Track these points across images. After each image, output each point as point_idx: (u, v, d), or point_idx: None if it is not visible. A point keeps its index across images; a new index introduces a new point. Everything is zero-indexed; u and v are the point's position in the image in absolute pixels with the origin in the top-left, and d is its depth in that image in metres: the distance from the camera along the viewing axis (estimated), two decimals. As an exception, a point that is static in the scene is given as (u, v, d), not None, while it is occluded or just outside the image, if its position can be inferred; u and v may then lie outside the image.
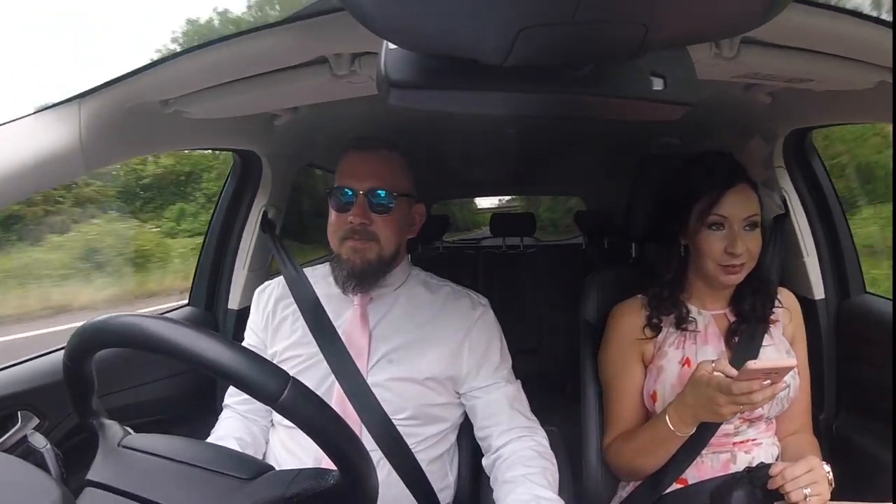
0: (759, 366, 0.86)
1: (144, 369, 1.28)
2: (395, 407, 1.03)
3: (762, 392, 0.87)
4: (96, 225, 6.89)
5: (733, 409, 0.91)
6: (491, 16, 0.46)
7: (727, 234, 1.05)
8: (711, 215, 1.05)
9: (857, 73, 0.89)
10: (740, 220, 1.05)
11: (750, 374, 0.86)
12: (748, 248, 1.04)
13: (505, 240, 3.44)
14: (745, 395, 0.88)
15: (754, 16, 0.50)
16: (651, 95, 0.62)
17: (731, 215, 1.04)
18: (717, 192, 1.05)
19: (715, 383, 0.91)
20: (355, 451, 0.61)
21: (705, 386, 0.93)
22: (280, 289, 1.16)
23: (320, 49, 0.85)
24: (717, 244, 1.05)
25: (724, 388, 0.89)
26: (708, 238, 1.06)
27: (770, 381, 0.87)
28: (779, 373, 0.87)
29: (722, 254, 1.05)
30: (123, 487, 0.64)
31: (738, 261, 1.04)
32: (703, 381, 0.93)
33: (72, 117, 0.87)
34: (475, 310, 1.11)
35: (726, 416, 0.92)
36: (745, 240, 1.04)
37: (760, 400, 0.88)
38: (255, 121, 1.25)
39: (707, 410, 0.94)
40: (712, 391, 0.91)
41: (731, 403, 0.90)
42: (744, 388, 0.87)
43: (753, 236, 1.06)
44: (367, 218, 1.04)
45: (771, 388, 0.88)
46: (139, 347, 0.61)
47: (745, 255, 1.04)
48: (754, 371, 0.86)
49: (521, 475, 0.97)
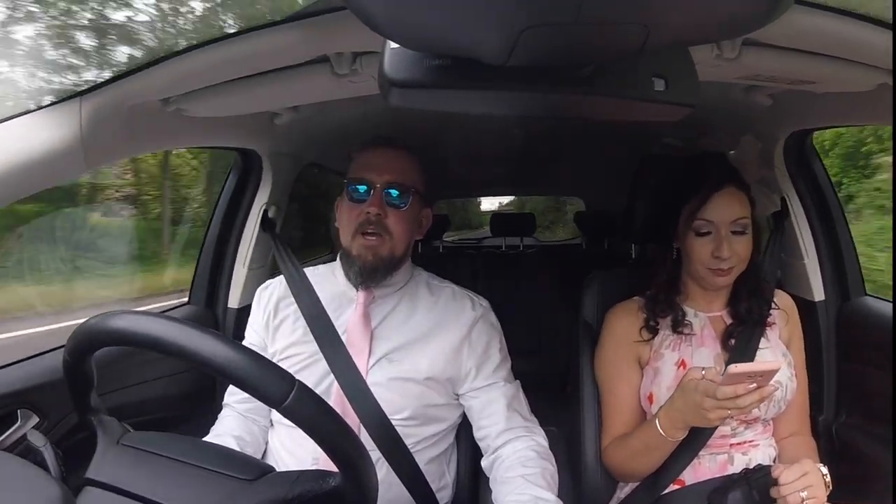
0: (741, 369, 0.85)
1: (144, 367, 1.28)
2: (394, 407, 1.03)
3: (748, 396, 0.87)
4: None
5: (721, 415, 0.91)
6: (493, 16, 0.46)
7: (714, 238, 1.05)
8: (697, 220, 1.05)
9: (857, 76, 0.90)
10: (727, 223, 1.04)
11: (733, 379, 0.86)
12: (736, 252, 1.04)
13: (505, 240, 3.45)
14: (730, 400, 0.87)
15: (756, 17, 0.50)
16: (652, 96, 0.62)
17: (718, 219, 1.04)
18: (703, 196, 1.05)
19: (702, 388, 0.91)
20: (358, 456, 0.62)
21: (692, 391, 0.93)
22: (281, 288, 1.16)
23: (321, 48, 0.84)
24: (705, 248, 1.05)
25: (710, 392, 0.89)
26: (695, 242, 1.06)
27: (756, 385, 0.87)
28: (763, 375, 0.86)
29: (709, 257, 1.05)
30: (123, 486, 0.63)
31: (725, 265, 1.04)
32: (691, 386, 0.94)
33: (73, 115, 0.86)
34: (475, 311, 1.11)
35: (714, 421, 0.92)
36: (733, 243, 1.04)
37: (747, 404, 0.88)
38: (255, 119, 1.25)
39: (696, 415, 0.94)
40: (699, 396, 0.91)
41: (717, 408, 0.89)
42: (728, 393, 0.87)
43: (741, 239, 1.05)
44: (382, 210, 1.04)
45: (758, 392, 0.87)
46: (142, 347, 0.61)
47: (733, 259, 1.04)
48: (737, 375, 0.85)
49: (519, 476, 0.97)
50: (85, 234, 3.65)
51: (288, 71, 0.90)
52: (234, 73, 0.89)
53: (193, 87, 0.91)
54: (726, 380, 0.87)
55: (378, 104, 0.73)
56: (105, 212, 4.24)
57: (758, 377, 0.86)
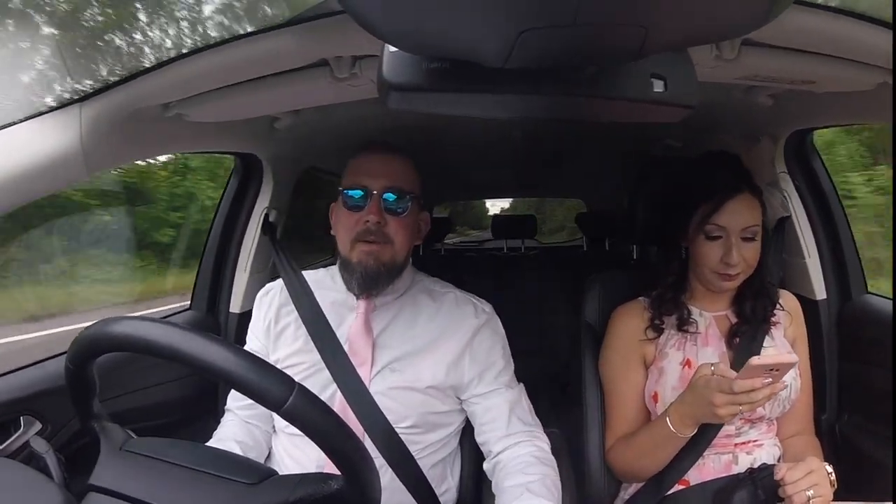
0: (762, 361, 0.86)
1: (146, 373, 1.28)
2: (397, 416, 1.02)
3: (762, 391, 0.87)
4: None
5: (732, 410, 0.91)
6: (491, 18, 0.46)
7: (724, 244, 1.04)
8: (709, 225, 1.05)
9: (857, 75, 0.89)
10: (738, 230, 1.04)
11: (752, 372, 0.86)
12: (744, 258, 1.04)
13: (507, 242, 3.44)
14: (745, 395, 0.88)
15: (755, 18, 0.50)
16: (652, 97, 0.62)
17: (730, 226, 1.04)
18: (716, 201, 1.04)
19: (714, 384, 0.91)
20: (360, 457, 0.61)
21: (704, 387, 0.93)
22: (282, 294, 1.14)
23: (321, 52, 0.84)
24: (714, 253, 1.05)
25: (724, 387, 0.89)
26: (704, 246, 1.06)
27: (771, 380, 0.87)
28: (780, 370, 0.87)
29: (718, 262, 1.05)
30: (126, 492, 0.63)
31: (733, 270, 1.04)
32: (702, 382, 0.94)
33: (73, 121, 0.87)
34: (478, 318, 1.10)
35: (725, 417, 0.92)
36: (742, 250, 1.04)
37: (760, 399, 0.88)
38: (255, 124, 1.25)
39: (706, 411, 0.94)
40: (711, 392, 0.91)
41: (729, 404, 0.90)
42: (745, 387, 0.87)
43: (751, 246, 1.05)
44: (381, 218, 1.02)
45: (770, 388, 0.88)
46: (143, 352, 0.61)
47: (741, 265, 1.04)
48: (756, 367, 0.86)
49: (520, 484, 0.96)
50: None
51: (288, 75, 0.90)
52: (234, 77, 0.89)
53: (194, 91, 0.91)
54: (745, 373, 0.87)
55: (378, 108, 0.73)
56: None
57: (775, 372, 0.87)
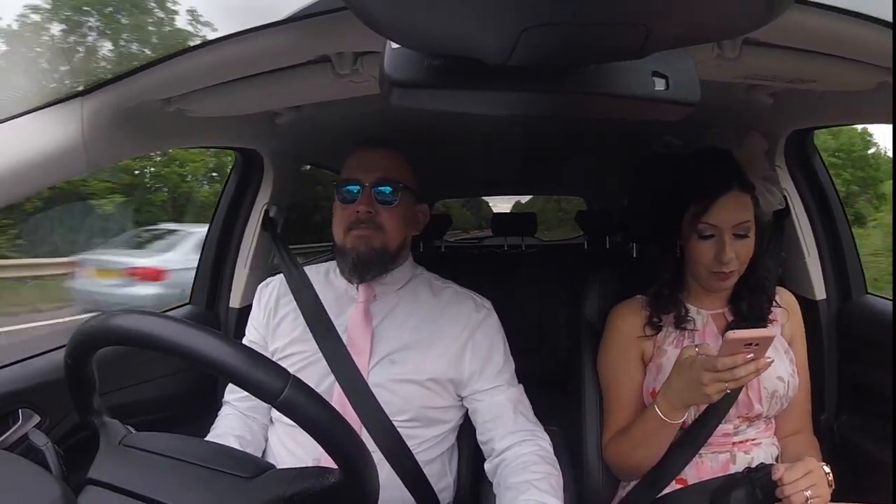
0: (739, 336, 0.87)
1: (145, 367, 1.28)
2: (395, 408, 1.03)
3: (746, 367, 0.89)
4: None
5: (718, 388, 0.91)
6: (493, 16, 0.46)
7: (716, 242, 1.05)
8: (701, 223, 1.05)
9: (858, 74, 0.89)
10: (730, 227, 1.04)
11: (732, 347, 0.88)
12: (738, 255, 1.04)
13: (507, 239, 3.44)
14: (729, 372, 0.89)
15: (756, 17, 0.50)
16: (653, 95, 0.62)
17: (721, 223, 1.04)
18: (707, 199, 1.05)
19: (699, 363, 0.92)
20: (356, 450, 0.61)
21: (688, 367, 0.94)
22: (282, 286, 1.16)
23: (323, 48, 0.84)
24: (708, 252, 1.05)
25: (708, 366, 0.90)
26: (698, 245, 1.06)
27: (752, 355, 0.89)
28: (760, 343, 0.88)
29: (712, 261, 1.05)
30: (124, 486, 0.64)
31: (726, 268, 1.05)
32: (688, 363, 0.95)
33: (74, 115, 0.87)
34: (478, 312, 1.11)
35: (713, 396, 0.93)
36: (735, 247, 1.04)
37: (744, 375, 0.89)
38: (256, 119, 1.25)
39: (693, 392, 0.94)
40: (697, 371, 0.92)
41: (715, 381, 0.91)
42: (727, 363, 0.89)
43: (744, 243, 1.05)
44: (372, 208, 1.06)
45: (754, 364, 0.89)
46: (140, 346, 0.61)
47: (734, 263, 1.04)
48: (735, 342, 0.88)
49: (525, 481, 0.96)
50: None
51: (289, 71, 0.90)
52: (235, 73, 0.89)
53: (195, 86, 0.91)
54: (724, 347, 0.89)
55: (380, 104, 0.73)
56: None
57: (754, 346, 0.88)
